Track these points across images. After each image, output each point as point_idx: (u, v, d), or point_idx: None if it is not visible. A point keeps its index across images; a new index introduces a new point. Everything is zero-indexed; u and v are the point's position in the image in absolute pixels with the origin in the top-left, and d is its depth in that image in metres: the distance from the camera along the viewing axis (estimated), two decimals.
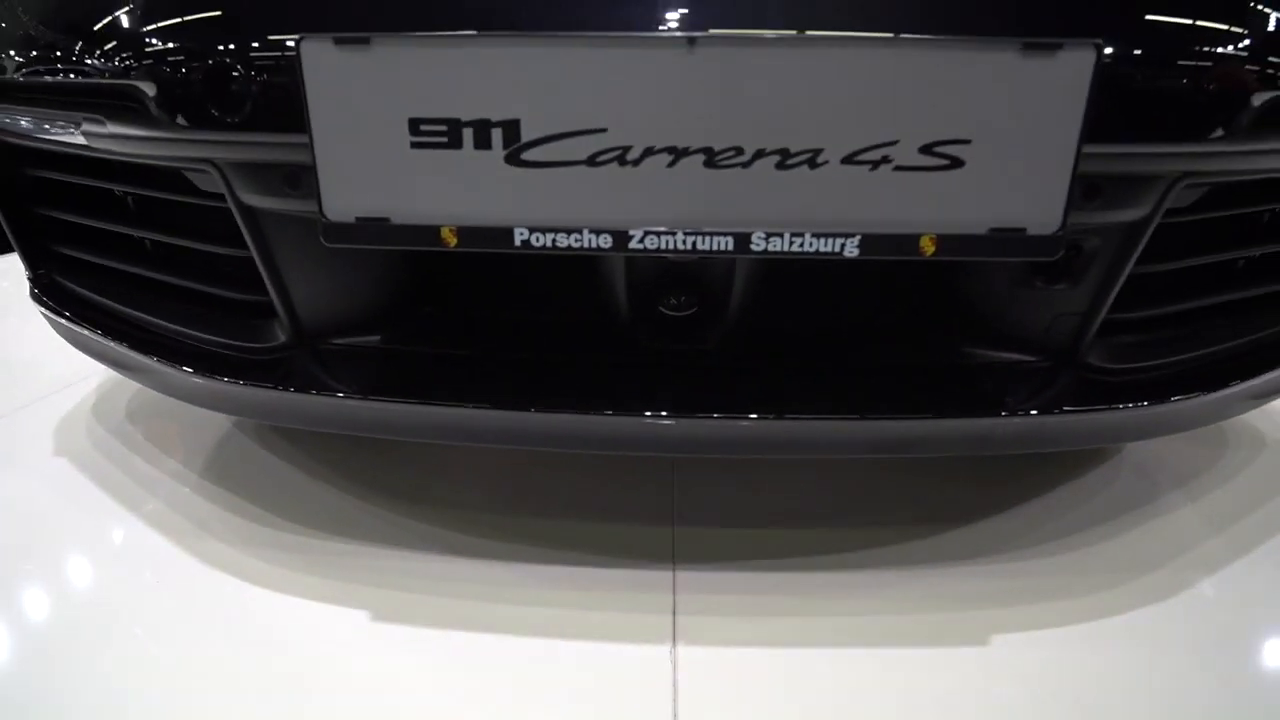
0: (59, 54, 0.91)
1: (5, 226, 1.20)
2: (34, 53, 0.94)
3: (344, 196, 0.79)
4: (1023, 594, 1.02)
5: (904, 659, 0.92)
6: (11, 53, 0.98)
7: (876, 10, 0.74)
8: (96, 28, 0.88)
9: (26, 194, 1.18)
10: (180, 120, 0.82)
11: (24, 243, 1.20)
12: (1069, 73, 0.72)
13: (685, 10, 0.74)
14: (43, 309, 1.21)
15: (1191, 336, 1.01)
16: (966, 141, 0.74)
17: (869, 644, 0.94)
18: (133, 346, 1.06)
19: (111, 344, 1.10)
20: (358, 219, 0.79)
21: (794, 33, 0.73)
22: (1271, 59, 0.78)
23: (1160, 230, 0.87)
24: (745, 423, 0.88)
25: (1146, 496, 1.25)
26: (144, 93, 0.82)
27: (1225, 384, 0.98)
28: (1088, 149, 0.75)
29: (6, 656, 0.91)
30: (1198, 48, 0.77)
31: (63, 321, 1.17)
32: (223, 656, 0.91)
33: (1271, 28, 0.79)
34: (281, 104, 0.78)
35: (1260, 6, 0.79)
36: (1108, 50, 0.73)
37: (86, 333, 1.13)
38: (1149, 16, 0.76)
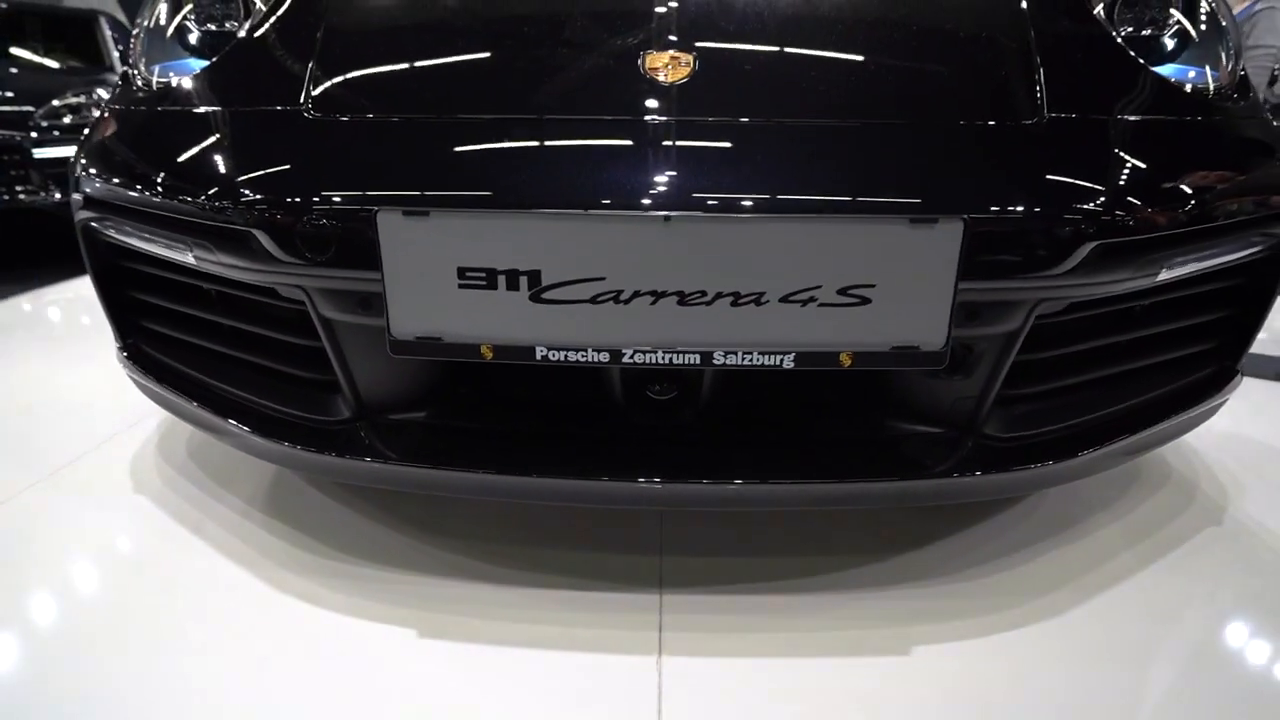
0: (185, 196, 1.13)
1: (101, 304, 1.42)
2: (166, 191, 1.16)
3: (407, 320, 1.03)
4: (946, 612, 1.20)
5: (848, 666, 1.09)
6: (137, 184, 1.21)
7: (803, 194, 1.00)
8: (214, 184, 1.11)
9: (120, 278, 1.40)
10: (281, 257, 1.06)
11: (116, 318, 1.41)
12: (945, 237, 0.97)
13: (662, 196, 0.99)
14: (131, 373, 1.42)
15: (1070, 408, 1.24)
16: (872, 285, 0.99)
17: (823, 654, 1.12)
18: (213, 411, 1.27)
19: (193, 408, 1.31)
20: (417, 337, 1.04)
21: (743, 213, 0.98)
22: (1094, 221, 1.03)
23: (1035, 330, 1.11)
24: (713, 486, 1.11)
25: (1070, 520, 1.44)
26: (255, 236, 1.06)
27: (1099, 445, 1.21)
28: (964, 285, 1.00)
29: (119, 659, 1.10)
30: (1039, 214, 1.02)
31: (150, 385, 1.38)
32: (297, 668, 1.09)
33: (1094, 200, 1.04)
34: (360, 250, 1.02)
35: (1083, 183, 1.05)
36: (973, 220, 0.98)
37: (171, 396, 1.34)
38: (1002, 198, 1.02)
